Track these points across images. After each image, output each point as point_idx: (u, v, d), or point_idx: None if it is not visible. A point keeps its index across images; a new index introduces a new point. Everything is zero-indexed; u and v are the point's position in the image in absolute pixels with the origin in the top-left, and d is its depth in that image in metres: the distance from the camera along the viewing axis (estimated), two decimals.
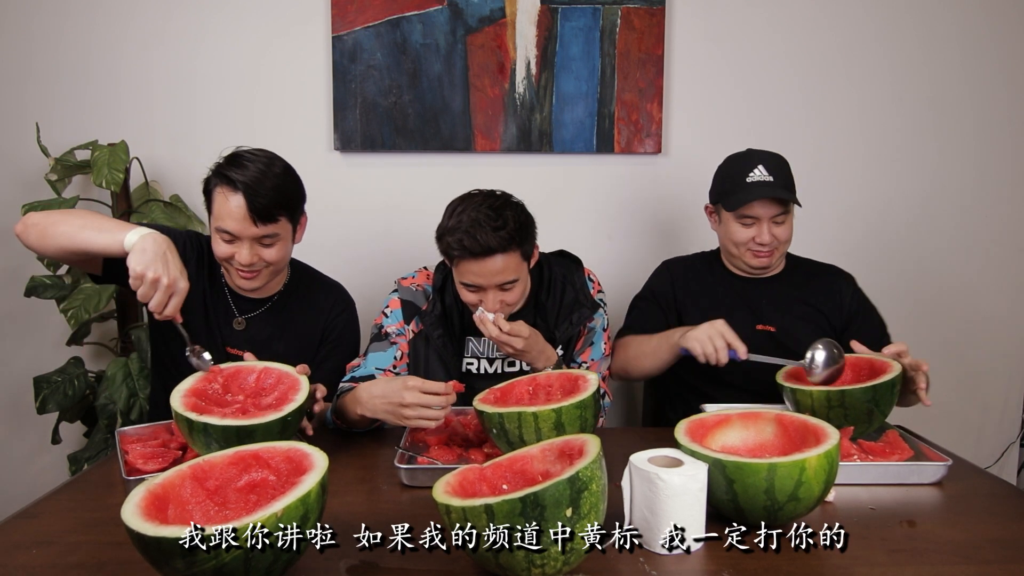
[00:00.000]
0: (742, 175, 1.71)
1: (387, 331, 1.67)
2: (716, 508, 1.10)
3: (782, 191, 1.68)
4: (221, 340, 1.61)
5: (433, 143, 2.31)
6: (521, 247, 1.52)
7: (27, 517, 1.16)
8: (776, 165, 1.71)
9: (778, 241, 1.72)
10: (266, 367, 1.40)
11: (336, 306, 1.72)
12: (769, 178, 1.68)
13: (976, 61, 2.38)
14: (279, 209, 1.48)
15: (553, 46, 2.29)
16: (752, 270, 1.79)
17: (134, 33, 2.29)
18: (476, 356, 1.69)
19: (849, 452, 1.32)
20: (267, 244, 1.51)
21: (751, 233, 1.72)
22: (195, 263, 1.59)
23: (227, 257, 1.51)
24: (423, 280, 1.70)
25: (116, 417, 2.08)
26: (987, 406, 2.55)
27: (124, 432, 1.41)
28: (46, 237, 1.41)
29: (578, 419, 1.27)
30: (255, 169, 1.46)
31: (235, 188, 1.44)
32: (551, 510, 0.88)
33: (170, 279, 1.31)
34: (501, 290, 1.53)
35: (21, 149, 2.26)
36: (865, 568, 1.00)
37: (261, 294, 1.64)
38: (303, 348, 1.66)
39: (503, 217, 1.48)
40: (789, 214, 1.73)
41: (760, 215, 1.69)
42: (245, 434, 1.20)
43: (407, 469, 1.27)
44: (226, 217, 1.46)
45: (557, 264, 1.73)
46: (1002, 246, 2.47)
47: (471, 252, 1.47)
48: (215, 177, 1.49)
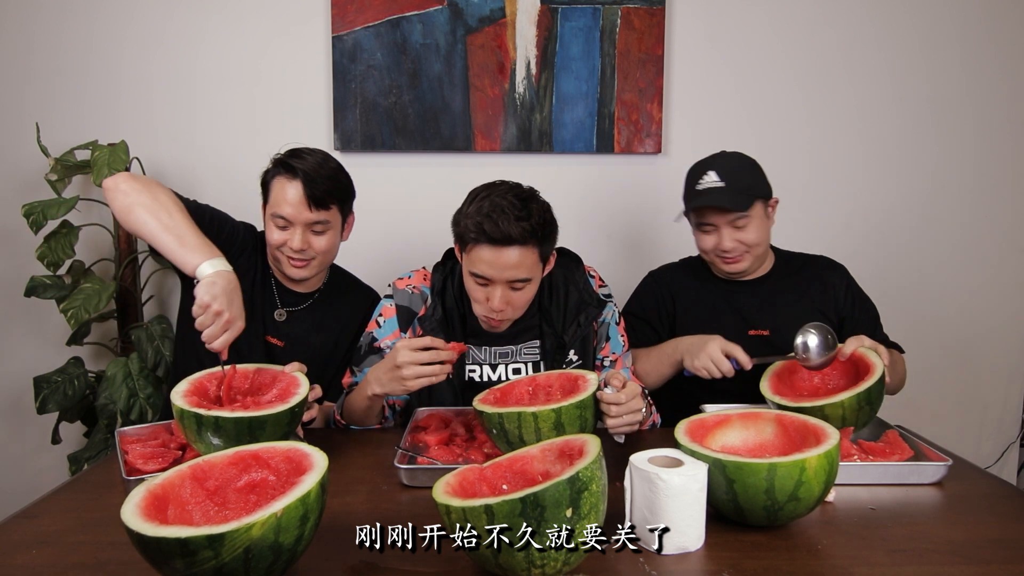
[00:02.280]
0: (694, 182, 1.68)
1: (379, 345, 1.61)
2: (716, 508, 1.10)
3: (729, 197, 1.61)
4: (263, 328, 1.67)
5: (433, 143, 2.31)
6: (541, 245, 1.46)
7: (27, 517, 1.16)
8: (730, 169, 1.65)
9: (745, 245, 1.67)
10: (259, 368, 1.41)
11: (372, 308, 1.74)
12: (720, 183, 1.63)
13: (976, 61, 2.38)
14: (332, 198, 1.59)
15: (553, 46, 2.29)
16: (732, 275, 1.76)
17: (134, 33, 2.29)
18: (478, 363, 1.62)
19: (849, 452, 1.31)
20: (318, 231, 1.60)
21: (713, 240, 1.68)
22: (250, 252, 1.68)
23: (280, 244, 1.59)
24: (420, 281, 1.64)
25: (116, 417, 2.09)
26: (987, 406, 2.55)
27: (124, 432, 1.41)
28: (130, 215, 1.46)
29: (578, 419, 1.26)
30: (313, 160, 1.58)
31: (294, 175, 1.55)
32: (551, 510, 0.88)
33: (231, 316, 1.35)
34: (511, 288, 1.46)
35: (21, 149, 2.26)
36: (865, 568, 1.00)
37: (305, 288, 1.71)
38: (338, 344, 1.73)
39: (528, 209, 1.42)
40: (753, 217, 1.65)
41: (716, 222, 1.65)
42: (257, 425, 1.22)
43: (407, 469, 1.27)
44: (283, 203, 1.56)
45: (557, 265, 1.66)
46: (1002, 246, 2.48)
47: (489, 237, 1.39)
48: (275, 167, 1.59)
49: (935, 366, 2.47)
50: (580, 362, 1.62)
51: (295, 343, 1.68)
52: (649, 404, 1.58)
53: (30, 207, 2.08)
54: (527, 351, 1.63)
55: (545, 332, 1.61)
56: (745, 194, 1.64)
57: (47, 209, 2.08)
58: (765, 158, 2.38)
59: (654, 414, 1.59)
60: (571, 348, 1.61)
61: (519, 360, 1.63)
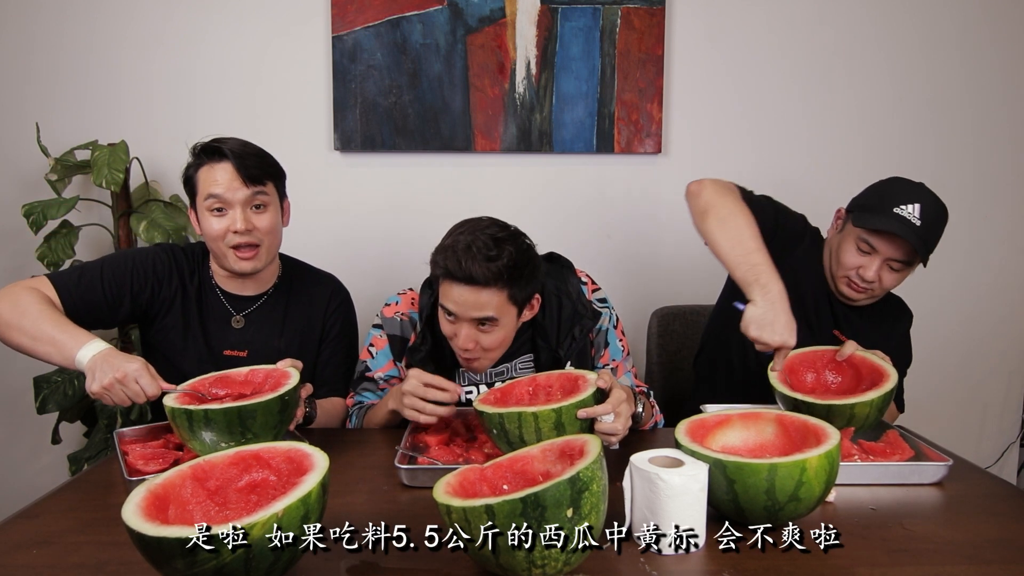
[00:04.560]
0: (893, 202, 1.55)
1: (373, 376, 1.61)
2: (716, 508, 1.10)
3: (918, 241, 1.51)
4: (219, 344, 1.60)
5: (433, 143, 2.31)
6: (510, 287, 1.40)
7: (27, 517, 1.16)
8: (932, 215, 1.55)
9: (881, 286, 1.60)
10: (252, 369, 1.40)
11: (333, 299, 1.72)
12: (917, 221, 1.52)
13: (976, 61, 2.38)
14: (265, 174, 1.53)
15: (553, 46, 2.29)
16: (845, 299, 1.67)
17: (134, 33, 2.29)
18: (474, 383, 1.61)
19: (849, 452, 1.32)
20: (259, 209, 1.53)
21: (861, 262, 1.58)
22: (177, 274, 1.59)
23: (221, 232, 1.50)
24: (407, 307, 1.61)
25: (116, 417, 2.09)
26: (987, 406, 2.55)
27: (124, 433, 1.41)
28: (9, 332, 1.40)
29: (578, 419, 1.26)
30: (235, 142, 1.53)
31: (222, 156, 1.49)
32: (552, 510, 0.88)
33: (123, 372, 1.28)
34: (478, 328, 1.44)
35: (21, 149, 2.26)
36: (865, 568, 1.00)
37: (255, 289, 1.63)
38: (304, 343, 1.66)
39: (500, 250, 1.38)
40: (909, 268, 1.58)
41: (881, 250, 1.55)
42: (248, 415, 1.21)
43: (407, 469, 1.27)
44: (213, 184, 1.49)
45: (548, 275, 1.59)
46: (1002, 246, 2.48)
47: (452, 275, 1.39)
48: (197, 159, 1.53)
49: (935, 366, 2.47)
50: None
51: (258, 350, 1.59)
52: (652, 405, 1.58)
53: (30, 207, 2.07)
54: (522, 366, 1.62)
55: (540, 347, 1.58)
56: (928, 248, 1.55)
57: (47, 209, 2.08)
58: (765, 158, 2.40)
59: (656, 414, 1.59)
60: (567, 361, 1.58)
61: (515, 375, 1.61)
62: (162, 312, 1.58)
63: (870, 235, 1.56)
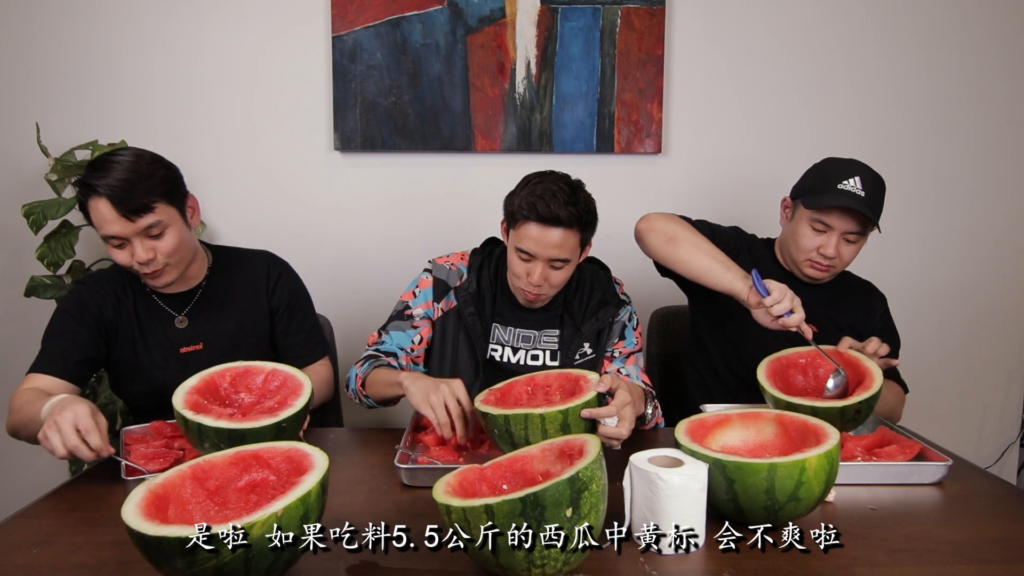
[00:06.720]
0: (835, 179, 1.63)
1: (411, 313, 1.70)
2: (716, 508, 1.10)
3: (867, 208, 1.59)
4: (172, 345, 1.59)
5: (433, 143, 2.32)
6: (583, 231, 1.58)
7: (27, 517, 1.16)
8: (872, 184, 1.63)
9: (841, 260, 1.66)
10: (274, 368, 1.39)
11: (272, 270, 1.71)
12: (861, 192, 1.60)
13: (976, 61, 2.38)
14: (151, 198, 1.45)
15: (553, 46, 2.29)
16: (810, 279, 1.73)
17: (134, 33, 2.29)
18: (501, 343, 1.70)
19: (852, 453, 1.32)
20: (155, 235, 1.47)
21: (819, 241, 1.64)
22: (112, 290, 1.58)
23: (126, 264, 1.48)
24: (458, 260, 1.75)
25: (116, 417, 2.08)
26: (987, 406, 2.55)
27: (125, 432, 1.41)
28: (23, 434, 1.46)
29: (584, 420, 1.26)
30: (118, 168, 1.44)
31: (99, 194, 1.42)
32: (551, 510, 0.88)
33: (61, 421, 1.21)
34: (551, 267, 1.57)
35: (21, 149, 2.26)
36: (865, 568, 1.00)
37: (186, 285, 1.62)
38: (255, 319, 1.67)
39: (576, 196, 1.55)
40: (863, 238, 1.66)
41: (836, 226, 1.62)
42: (237, 437, 1.20)
43: (407, 469, 1.27)
44: (103, 223, 1.44)
45: (588, 267, 1.78)
46: (1002, 246, 2.48)
47: (540, 216, 1.52)
48: (81, 188, 1.45)
49: (935, 366, 2.48)
50: (593, 355, 1.69)
51: (211, 339, 1.60)
52: (656, 407, 1.59)
53: (30, 207, 2.08)
54: (546, 339, 1.71)
55: (565, 322, 1.70)
56: (876, 214, 1.63)
57: (47, 209, 2.08)
58: (764, 158, 2.40)
59: (658, 415, 1.59)
60: (586, 340, 1.69)
61: (539, 347, 1.70)
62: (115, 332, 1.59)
63: (822, 214, 1.63)
